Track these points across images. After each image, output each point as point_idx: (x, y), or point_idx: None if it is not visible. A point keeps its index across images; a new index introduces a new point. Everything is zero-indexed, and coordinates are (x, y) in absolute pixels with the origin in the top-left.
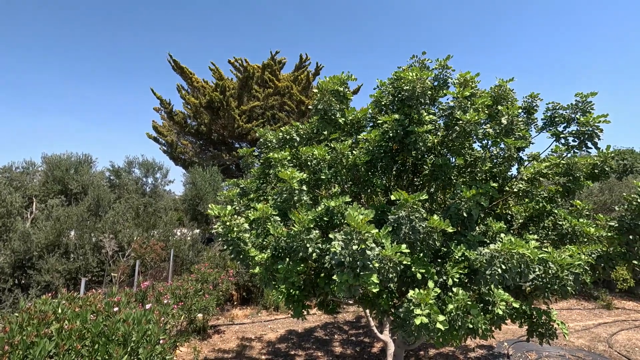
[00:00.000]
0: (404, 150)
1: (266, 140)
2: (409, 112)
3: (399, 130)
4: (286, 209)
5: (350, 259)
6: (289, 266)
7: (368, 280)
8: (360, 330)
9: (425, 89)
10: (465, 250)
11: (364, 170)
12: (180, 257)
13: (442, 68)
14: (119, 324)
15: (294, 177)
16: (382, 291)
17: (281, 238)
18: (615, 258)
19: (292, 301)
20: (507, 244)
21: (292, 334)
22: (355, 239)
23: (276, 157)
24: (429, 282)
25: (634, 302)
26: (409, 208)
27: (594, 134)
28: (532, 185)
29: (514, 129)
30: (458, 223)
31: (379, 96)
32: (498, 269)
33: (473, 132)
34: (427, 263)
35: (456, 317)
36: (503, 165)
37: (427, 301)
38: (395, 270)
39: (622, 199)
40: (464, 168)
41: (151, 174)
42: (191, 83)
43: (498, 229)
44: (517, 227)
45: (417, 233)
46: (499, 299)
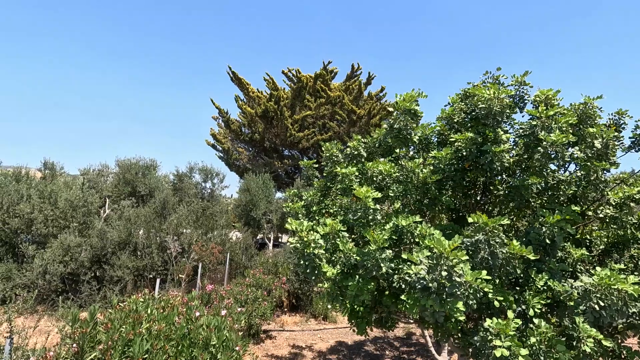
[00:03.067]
0: (477, 170)
1: (332, 154)
2: (484, 131)
3: (472, 149)
4: (360, 226)
5: (437, 285)
6: (359, 283)
7: (454, 307)
8: (412, 347)
9: (503, 107)
10: (548, 280)
11: (434, 188)
12: (234, 261)
13: (519, 84)
14: (200, 329)
15: (369, 196)
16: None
17: (351, 254)
18: None
19: (356, 317)
20: (605, 279)
21: (342, 345)
22: (444, 264)
23: (344, 172)
24: (509, 311)
25: None
26: (490, 232)
27: None
28: (621, 210)
29: (609, 153)
30: (539, 250)
31: (450, 113)
32: (595, 306)
33: (560, 155)
34: (505, 290)
35: (538, 351)
36: (588, 188)
37: (508, 332)
38: (475, 297)
39: None
40: (543, 190)
41: (209, 179)
42: (247, 93)
43: (579, 257)
44: (597, 255)
45: (496, 259)
46: (586, 334)
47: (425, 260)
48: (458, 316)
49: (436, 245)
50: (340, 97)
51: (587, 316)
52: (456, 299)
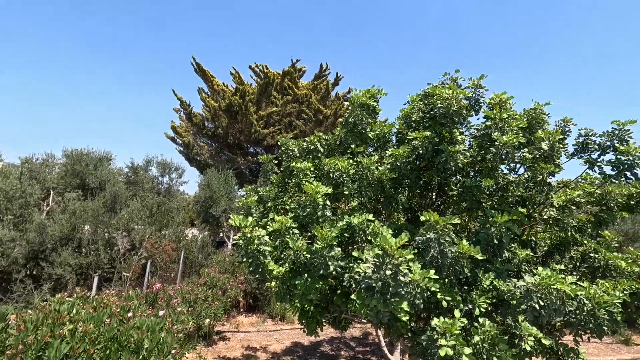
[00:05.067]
0: (432, 169)
1: (287, 148)
2: (441, 130)
3: (429, 148)
4: (308, 223)
5: (382, 284)
6: (308, 282)
7: (398, 307)
8: (367, 347)
9: (460, 107)
10: (494, 279)
11: (389, 187)
12: (189, 259)
13: (475, 87)
14: (132, 330)
15: (318, 192)
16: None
17: (300, 252)
18: None
19: (307, 317)
20: (545, 278)
21: (297, 346)
22: (389, 263)
23: (299, 167)
24: (455, 310)
25: None
26: (440, 231)
27: (635, 163)
28: (564, 213)
29: (555, 155)
30: (488, 250)
31: (409, 112)
32: (535, 305)
33: (510, 155)
34: (452, 290)
35: (482, 349)
36: (534, 190)
37: (453, 331)
38: (422, 297)
39: None
40: (494, 191)
41: (167, 173)
42: (212, 86)
43: (524, 257)
44: (541, 255)
45: (445, 258)
46: (527, 333)
47: (371, 258)
48: (402, 316)
49: (382, 243)
50: (307, 96)
51: (528, 315)
52: (401, 298)
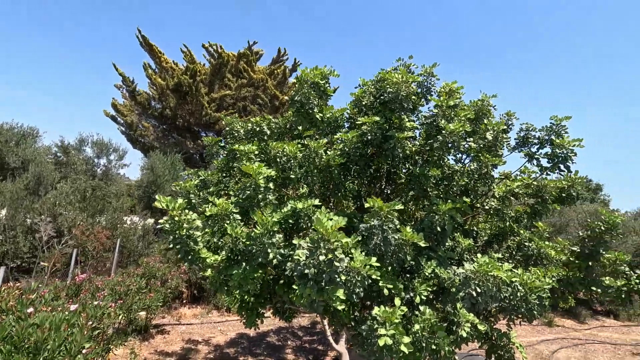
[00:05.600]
0: (381, 156)
1: (233, 129)
2: (390, 116)
3: (378, 134)
4: (249, 207)
5: (315, 271)
6: (245, 272)
7: (333, 296)
8: (314, 337)
9: (410, 92)
10: (436, 267)
11: (337, 172)
12: (127, 248)
13: (427, 75)
14: (30, 329)
15: (260, 173)
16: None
17: (240, 239)
18: (574, 283)
19: (246, 308)
20: (483, 266)
21: (243, 337)
22: (323, 247)
23: (242, 149)
24: (396, 299)
25: (572, 321)
26: (383, 217)
27: (568, 157)
28: (503, 203)
29: (498, 145)
30: (431, 237)
31: (360, 95)
32: (473, 292)
33: (456, 144)
34: (395, 278)
35: (421, 337)
36: (479, 181)
37: (393, 320)
38: (363, 285)
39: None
40: (440, 181)
41: (105, 154)
42: (159, 63)
43: (467, 246)
44: (481, 245)
45: (388, 245)
46: (465, 319)
47: (305, 244)
48: (337, 305)
49: (317, 226)
50: (263, 81)
51: (466, 302)
52: (337, 286)
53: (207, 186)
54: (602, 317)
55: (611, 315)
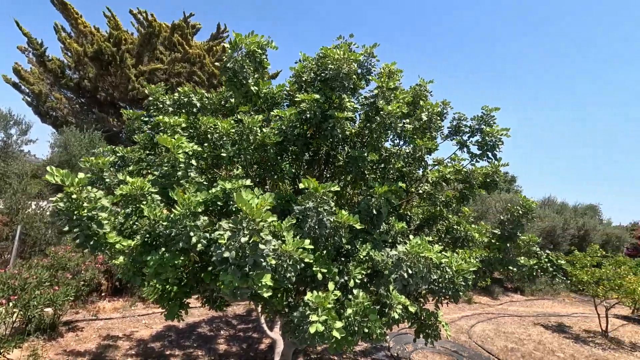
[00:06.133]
0: (320, 137)
1: (157, 100)
2: (331, 95)
3: (317, 113)
4: (168, 186)
5: (237, 254)
6: (165, 258)
7: (259, 282)
8: (250, 324)
9: (351, 71)
10: (370, 250)
11: (273, 152)
12: (32, 237)
13: (368, 55)
14: None
15: (179, 147)
16: (275, 289)
17: (159, 222)
18: (494, 263)
19: (168, 299)
20: (415, 247)
21: (171, 330)
22: (245, 228)
23: (167, 121)
24: (329, 283)
25: (488, 298)
26: (318, 199)
27: (496, 145)
28: (436, 188)
29: (432, 127)
30: (367, 220)
31: (300, 71)
32: (404, 274)
33: (393, 125)
34: (330, 262)
35: (354, 321)
36: (414, 165)
37: (326, 305)
38: (295, 269)
39: (505, 209)
40: (377, 164)
41: (3, 128)
42: (76, 26)
43: (400, 229)
44: (414, 228)
45: (323, 228)
46: (397, 301)
47: (226, 224)
48: (264, 292)
49: (240, 204)
50: (200, 57)
51: (398, 284)
52: (263, 271)
53: (128, 165)
54: (511, 293)
55: (518, 291)
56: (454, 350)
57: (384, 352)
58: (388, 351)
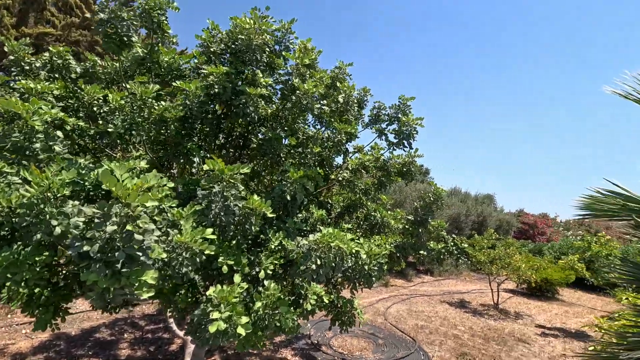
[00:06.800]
0: (232, 116)
1: (22, 61)
2: (243, 69)
3: (227, 88)
4: (17, 160)
5: (103, 247)
6: (22, 255)
7: (136, 281)
8: (160, 324)
9: (264, 43)
10: (283, 239)
11: (175, 129)
12: None
13: (285, 31)
14: None
15: (36, 112)
16: (179, 285)
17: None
18: (407, 248)
19: (37, 305)
20: (326, 236)
21: (60, 338)
22: (115, 215)
23: (32, 87)
24: (235, 276)
25: (403, 280)
26: (225, 182)
27: (412, 134)
28: (355, 175)
29: (349, 109)
30: (280, 207)
31: (208, 40)
32: (313, 265)
33: (309, 106)
34: (239, 252)
35: (263, 316)
36: (332, 150)
37: (230, 300)
38: (194, 262)
39: (419, 197)
40: (295, 147)
41: None
42: None
43: (319, 217)
44: (334, 216)
45: (231, 215)
46: (312, 292)
47: (90, 210)
48: (143, 293)
49: (106, 183)
50: None
51: (307, 274)
52: (142, 267)
53: None
54: (422, 275)
55: (429, 273)
56: (371, 333)
57: (304, 340)
58: (309, 339)
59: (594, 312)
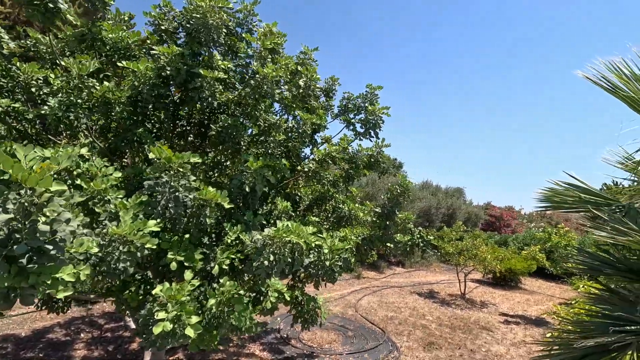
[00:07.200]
0: (189, 101)
1: None
2: (199, 51)
3: (181, 70)
4: None
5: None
6: None
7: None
8: (121, 322)
9: (221, 22)
10: (241, 232)
11: (121, 112)
12: None
13: (247, 13)
14: None
15: None
16: (128, 282)
17: None
18: (375, 240)
19: None
20: (280, 230)
21: (8, 340)
22: (9, 201)
23: None
24: (186, 272)
25: (375, 272)
26: (173, 172)
27: (378, 123)
28: (322, 166)
29: (311, 95)
30: (240, 199)
31: (158, 18)
32: (265, 261)
33: (269, 90)
34: (192, 247)
35: (218, 314)
36: (298, 140)
37: (179, 298)
38: (133, 258)
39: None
40: (258, 136)
41: None
42: None
43: (284, 209)
44: (303, 209)
45: (181, 206)
46: (273, 289)
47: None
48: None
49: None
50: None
51: (260, 270)
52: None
53: None
54: (394, 267)
55: (400, 265)
56: (341, 325)
57: (274, 334)
58: (278, 333)
59: (553, 300)
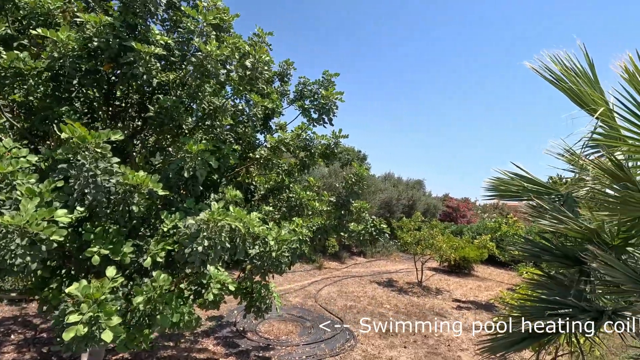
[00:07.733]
0: (122, 78)
1: None
2: (134, 22)
3: (111, 42)
4: None
5: None
6: None
7: None
8: None
9: None
10: (178, 221)
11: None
12: None
13: None
14: None
15: None
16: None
17: None
18: (329, 230)
19: None
20: (215, 214)
21: None
22: None
23: None
24: (109, 268)
25: (337, 262)
26: (89, 153)
27: (331, 109)
28: (275, 154)
29: (259, 77)
30: (179, 185)
31: None
32: (199, 247)
33: (213, 70)
34: (121, 239)
35: (148, 311)
36: (248, 125)
37: (98, 297)
38: (37, 252)
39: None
40: (203, 119)
41: None
42: None
43: (232, 198)
44: (258, 199)
45: (101, 192)
46: (215, 280)
47: None
48: None
49: None
50: None
51: (194, 257)
52: None
53: None
54: (356, 257)
55: (362, 255)
56: (300, 316)
57: (229, 327)
58: (234, 326)
59: (502, 286)
